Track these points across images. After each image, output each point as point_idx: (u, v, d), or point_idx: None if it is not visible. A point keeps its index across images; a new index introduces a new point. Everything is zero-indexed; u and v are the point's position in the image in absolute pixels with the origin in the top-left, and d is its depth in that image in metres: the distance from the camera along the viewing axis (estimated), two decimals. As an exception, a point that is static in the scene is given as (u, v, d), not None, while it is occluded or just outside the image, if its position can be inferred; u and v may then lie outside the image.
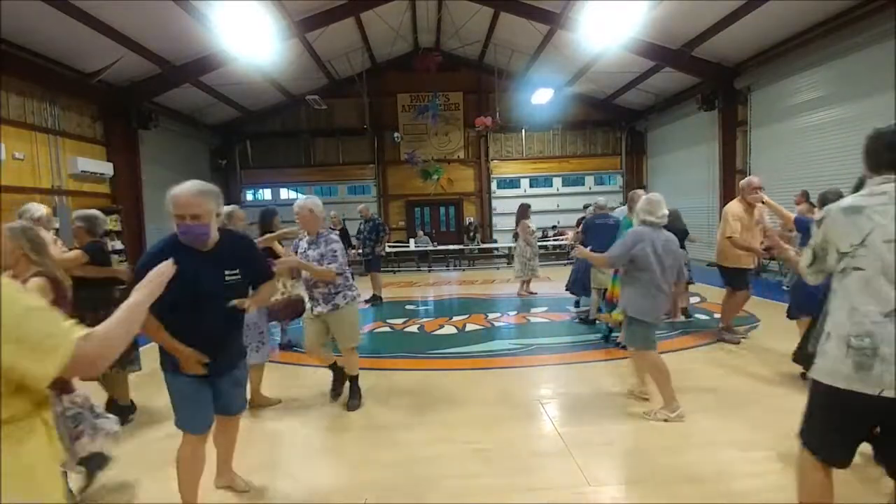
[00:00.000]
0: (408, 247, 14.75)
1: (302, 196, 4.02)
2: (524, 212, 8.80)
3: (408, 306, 8.53)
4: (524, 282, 8.93)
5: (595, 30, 9.25)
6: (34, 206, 3.75)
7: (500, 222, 15.56)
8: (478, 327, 6.63)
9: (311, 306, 3.87)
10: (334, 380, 4.20)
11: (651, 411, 3.57)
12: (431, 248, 14.46)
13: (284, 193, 15.98)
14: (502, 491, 2.73)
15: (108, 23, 8.01)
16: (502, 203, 15.72)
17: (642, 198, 3.76)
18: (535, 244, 9.12)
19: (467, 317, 7.23)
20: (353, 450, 3.29)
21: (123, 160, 10.44)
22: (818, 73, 8.62)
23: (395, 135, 15.21)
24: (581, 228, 6.69)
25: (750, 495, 2.56)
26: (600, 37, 9.57)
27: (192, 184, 2.25)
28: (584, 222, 6.73)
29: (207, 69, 10.42)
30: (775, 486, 2.63)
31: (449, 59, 14.55)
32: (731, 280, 5.39)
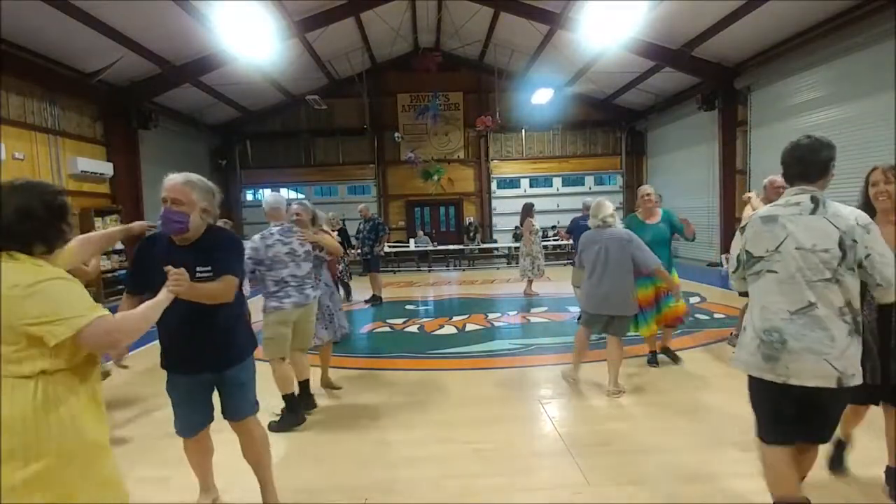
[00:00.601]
0: (408, 247, 14.75)
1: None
2: (529, 210, 8.84)
3: (408, 306, 8.53)
4: (530, 281, 8.94)
5: (595, 30, 9.25)
6: None
7: (500, 222, 15.56)
8: (478, 327, 6.63)
9: (277, 304, 3.50)
10: (302, 393, 3.79)
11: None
12: (431, 248, 14.46)
13: (284, 193, 15.93)
14: (502, 491, 2.73)
15: (108, 23, 8.02)
16: (502, 203, 15.71)
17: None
18: (540, 243, 9.15)
19: (467, 317, 7.24)
20: (354, 450, 3.29)
21: (123, 160, 10.45)
22: (818, 73, 8.61)
23: (396, 135, 15.20)
24: (566, 229, 6.71)
25: (750, 495, 2.55)
26: (600, 37, 9.58)
27: (186, 173, 2.27)
28: (570, 223, 6.75)
29: (207, 69, 10.43)
30: (775, 486, 2.62)
31: (449, 59, 14.54)
32: None
